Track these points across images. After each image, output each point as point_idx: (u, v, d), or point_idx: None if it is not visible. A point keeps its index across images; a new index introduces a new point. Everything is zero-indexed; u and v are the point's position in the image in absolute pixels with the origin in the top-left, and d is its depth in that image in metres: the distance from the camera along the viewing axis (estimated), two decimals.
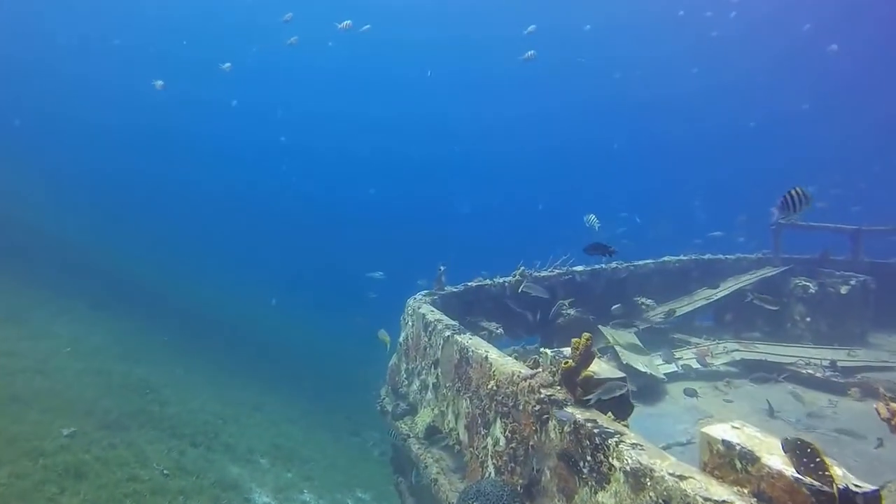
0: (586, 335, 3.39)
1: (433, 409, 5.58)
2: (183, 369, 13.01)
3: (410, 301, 6.73)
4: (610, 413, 3.33)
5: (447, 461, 5.26)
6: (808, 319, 8.37)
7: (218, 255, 29.48)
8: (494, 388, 4.26)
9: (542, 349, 4.01)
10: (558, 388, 3.62)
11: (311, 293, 26.89)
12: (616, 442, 2.97)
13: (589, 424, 3.16)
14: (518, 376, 3.96)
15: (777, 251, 10.23)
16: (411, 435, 5.75)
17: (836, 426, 5.55)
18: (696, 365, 6.96)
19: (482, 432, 4.47)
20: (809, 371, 6.66)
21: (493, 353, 4.50)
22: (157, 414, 9.10)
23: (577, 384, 3.38)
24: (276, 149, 40.58)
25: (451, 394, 5.14)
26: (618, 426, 3.17)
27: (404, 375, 6.57)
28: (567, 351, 3.95)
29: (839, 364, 6.62)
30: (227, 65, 11.26)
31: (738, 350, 7.23)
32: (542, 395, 3.64)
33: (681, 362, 7.05)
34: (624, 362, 6.34)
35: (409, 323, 6.51)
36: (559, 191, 38.04)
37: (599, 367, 3.57)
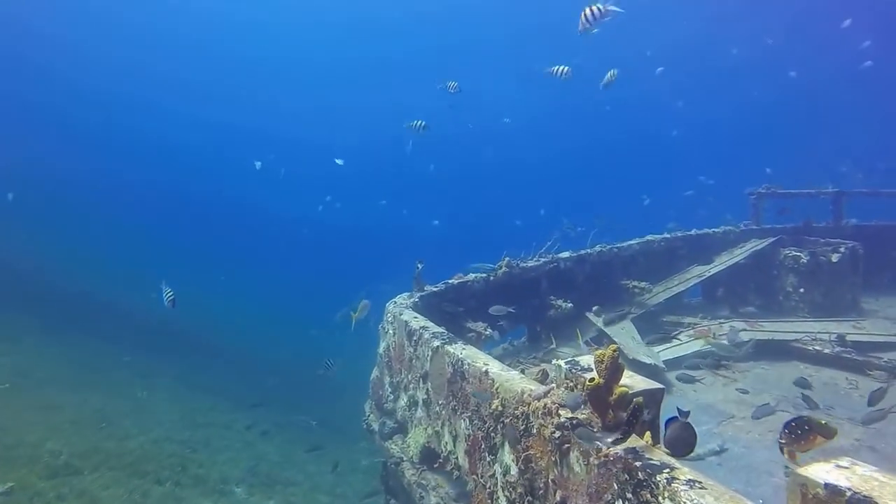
0: (612, 346, 2.80)
1: (426, 429, 4.96)
2: (145, 391, 12.05)
3: (390, 306, 6.04)
4: (648, 434, 2.75)
5: (447, 488, 4.66)
6: (802, 290, 8.09)
7: (178, 264, 27.98)
8: (499, 408, 3.65)
9: (554, 361, 3.41)
10: (581, 409, 3.04)
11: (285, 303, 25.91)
12: (667, 479, 2.39)
13: (629, 457, 2.57)
14: (529, 395, 3.36)
15: (758, 221, 10.02)
16: (405, 458, 5.13)
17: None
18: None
19: (487, 458, 3.87)
20: (817, 347, 6.30)
21: (494, 367, 3.89)
22: (115, 450, 8.17)
23: (609, 405, 2.79)
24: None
25: (446, 412, 4.52)
26: (662, 455, 2.60)
27: (389, 390, 5.92)
28: (584, 360, 3.38)
29: (848, 338, 6.26)
30: (421, 123, 7.04)
31: (745, 330, 6.78)
32: (561, 420, 3.05)
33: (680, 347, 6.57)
34: (630, 357, 5.82)
35: (390, 331, 5.84)
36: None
37: (632, 380, 3.00)
